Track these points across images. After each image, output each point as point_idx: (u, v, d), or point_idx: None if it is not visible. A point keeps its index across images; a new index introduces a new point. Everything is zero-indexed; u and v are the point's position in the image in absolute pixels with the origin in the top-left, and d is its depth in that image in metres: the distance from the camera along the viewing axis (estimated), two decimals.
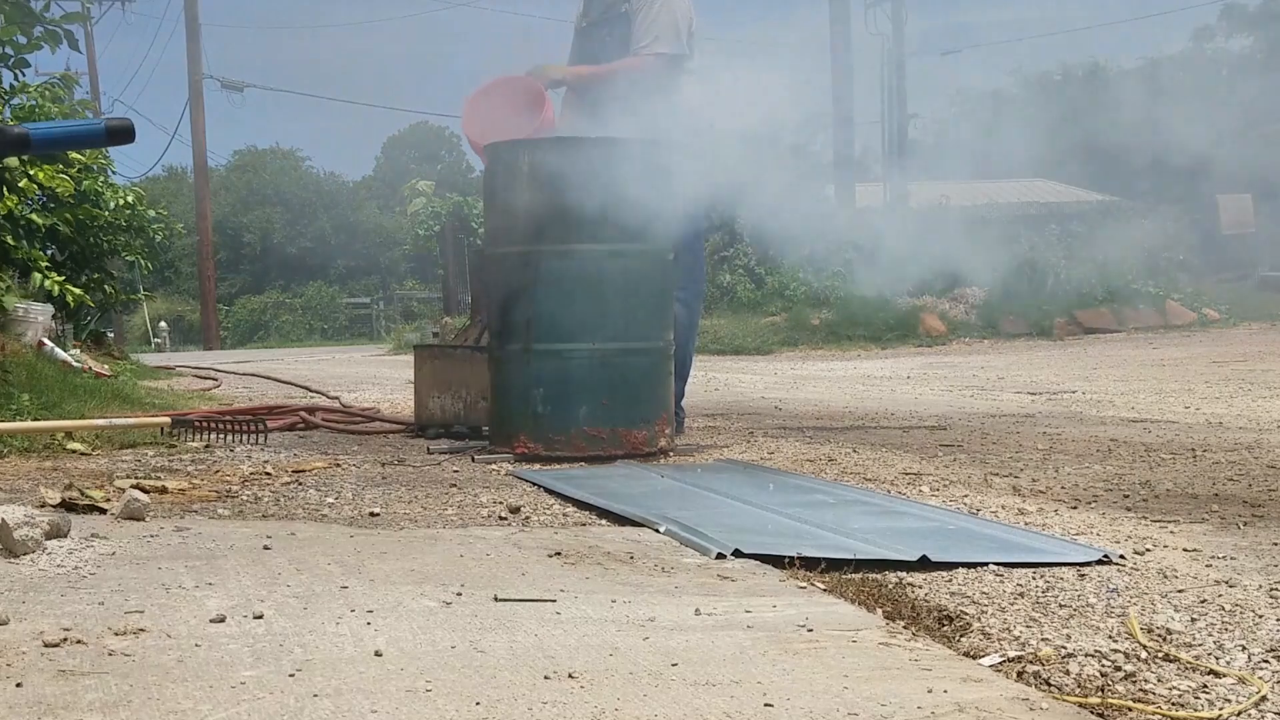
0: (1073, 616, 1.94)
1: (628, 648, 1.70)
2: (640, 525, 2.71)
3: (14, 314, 9.19)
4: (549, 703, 1.45)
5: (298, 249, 39.81)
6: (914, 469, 3.69)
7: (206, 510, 2.96)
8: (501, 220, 4.19)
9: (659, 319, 4.20)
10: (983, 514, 2.88)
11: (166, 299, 32.49)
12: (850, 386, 8.20)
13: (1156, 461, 3.77)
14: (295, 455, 4.22)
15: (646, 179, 4.09)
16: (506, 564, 2.27)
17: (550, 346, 4.03)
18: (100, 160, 12.46)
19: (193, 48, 28.17)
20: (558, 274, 4.04)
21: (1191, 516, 2.81)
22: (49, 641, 1.66)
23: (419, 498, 3.20)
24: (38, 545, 2.25)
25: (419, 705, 1.43)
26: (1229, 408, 5.58)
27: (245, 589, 2.02)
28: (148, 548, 2.39)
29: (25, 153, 3.26)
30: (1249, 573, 2.22)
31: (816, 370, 10.78)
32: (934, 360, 11.99)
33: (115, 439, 4.46)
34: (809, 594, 2.04)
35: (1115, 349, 12.63)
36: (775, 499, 3.07)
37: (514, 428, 4.08)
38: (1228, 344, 12.51)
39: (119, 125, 2.03)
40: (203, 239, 28.94)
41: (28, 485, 3.33)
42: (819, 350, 14.64)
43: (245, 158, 46.18)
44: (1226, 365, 9.00)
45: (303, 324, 34.54)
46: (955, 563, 2.28)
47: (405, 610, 1.89)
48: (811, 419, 5.68)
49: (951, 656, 1.69)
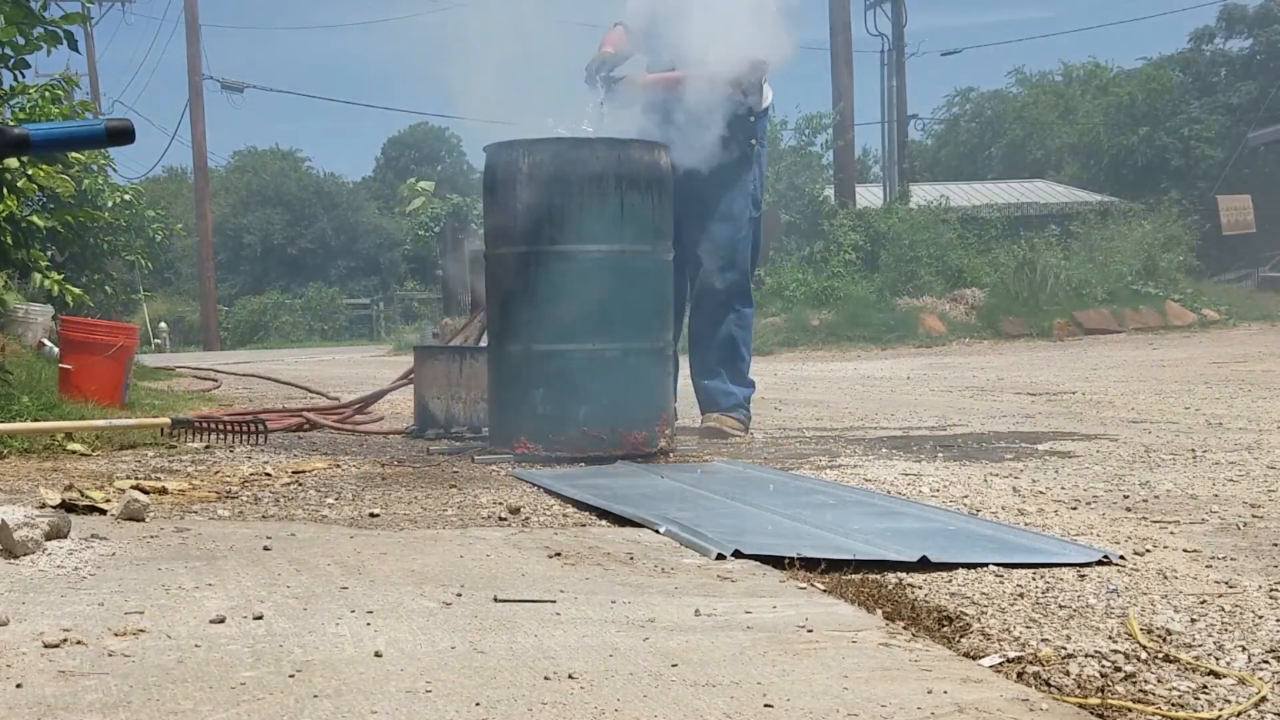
0: (1073, 617, 1.94)
1: (628, 648, 1.69)
2: (640, 526, 2.71)
3: (14, 314, 9.20)
4: (549, 703, 1.45)
5: (298, 250, 39.79)
6: (914, 469, 3.69)
7: (206, 511, 2.96)
8: (501, 220, 4.19)
9: (659, 319, 4.20)
10: (982, 514, 2.88)
11: (167, 299, 32.46)
12: (850, 387, 8.20)
13: (1156, 462, 3.77)
14: (295, 456, 4.22)
15: (646, 178, 4.09)
16: (506, 565, 2.27)
17: (550, 346, 4.03)
18: (100, 160, 12.46)
19: (193, 48, 28.15)
20: (558, 274, 4.04)
21: (1191, 517, 2.81)
22: (49, 642, 1.66)
23: (419, 498, 3.20)
24: (38, 546, 2.25)
25: (419, 706, 1.43)
26: (1229, 408, 5.58)
27: (245, 590, 2.02)
28: (148, 548, 2.39)
29: (25, 153, 3.27)
30: (1249, 573, 2.22)
31: (816, 371, 10.78)
32: (934, 361, 11.99)
33: (115, 440, 4.46)
34: (809, 595, 2.04)
35: (1115, 350, 12.63)
36: (775, 499, 3.07)
37: (514, 428, 4.08)
38: (1228, 344, 12.50)
39: (119, 126, 2.03)
40: (203, 240, 28.93)
41: (28, 486, 3.33)
42: (819, 351, 14.63)
43: (245, 158, 46.17)
44: (1226, 366, 9.00)
45: (303, 325, 34.52)
46: (955, 563, 2.29)
47: (405, 611, 1.89)
48: (811, 419, 5.68)
49: (951, 657, 1.69)
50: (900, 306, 15.90)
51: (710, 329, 4.86)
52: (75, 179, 9.69)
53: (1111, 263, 17.07)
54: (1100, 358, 11.10)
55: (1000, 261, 17.18)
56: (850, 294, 16.00)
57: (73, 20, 5.12)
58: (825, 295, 16.13)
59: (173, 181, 43.03)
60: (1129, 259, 17.14)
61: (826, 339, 15.15)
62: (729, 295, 4.81)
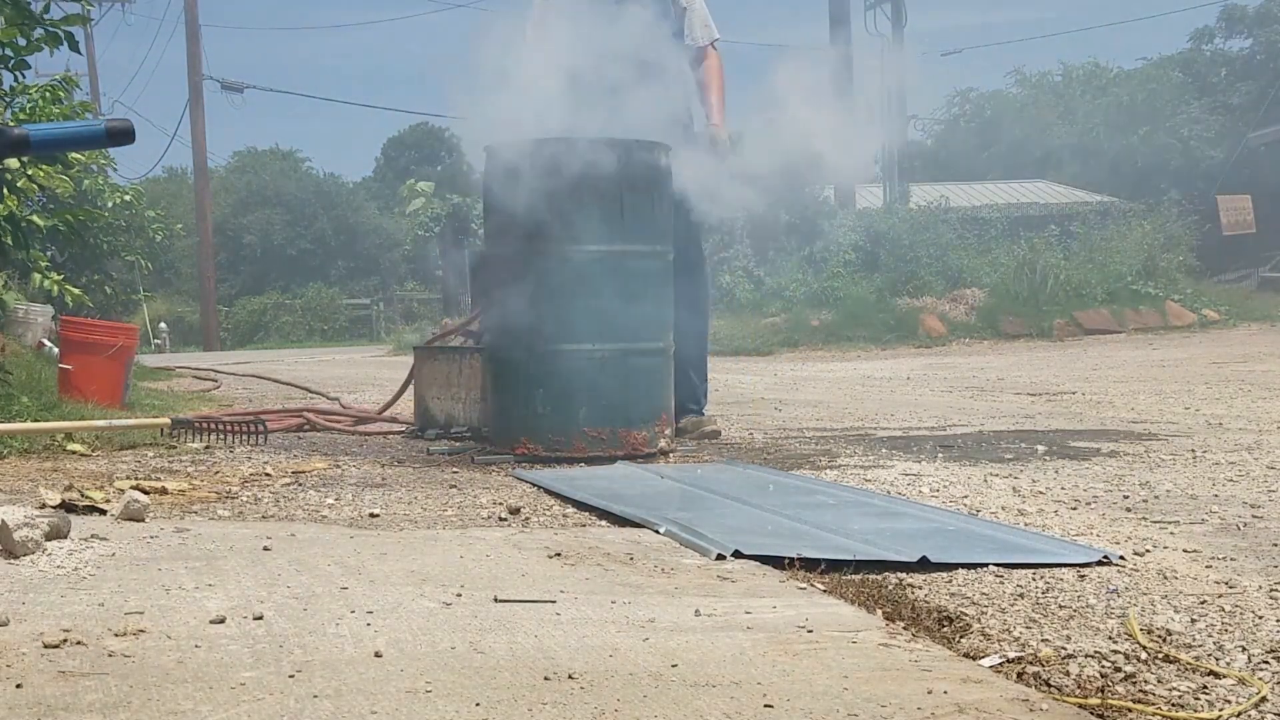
0: (1073, 617, 1.94)
1: (628, 648, 1.69)
2: (640, 526, 2.71)
3: (14, 314, 9.20)
4: (549, 703, 1.44)
5: (298, 250, 39.77)
6: (914, 469, 3.69)
7: (206, 511, 2.96)
8: (501, 220, 4.19)
9: (659, 319, 4.20)
10: (982, 515, 2.88)
11: (166, 300, 32.44)
12: (850, 388, 8.20)
13: (1156, 462, 3.77)
14: (295, 456, 4.22)
15: (646, 179, 4.09)
16: (506, 565, 2.27)
17: (550, 347, 4.03)
18: (100, 160, 12.46)
19: (193, 49, 28.14)
20: (558, 274, 4.04)
21: (1191, 517, 2.81)
22: (49, 642, 1.66)
23: (419, 499, 3.20)
24: (38, 546, 2.25)
25: (419, 706, 1.43)
26: (1229, 408, 5.58)
27: (245, 590, 2.02)
28: (148, 549, 2.38)
29: (25, 154, 3.27)
30: (1249, 573, 2.22)
31: (816, 371, 10.78)
32: (934, 361, 11.99)
33: (115, 440, 4.46)
34: (809, 595, 2.04)
35: (1115, 350, 12.62)
36: (775, 500, 3.07)
37: (514, 429, 4.08)
38: (1228, 345, 12.50)
39: (119, 126, 2.03)
40: (203, 240, 28.92)
41: (28, 486, 3.33)
42: (819, 351, 14.62)
43: (245, 159, 46.14)
44: (1226, 366, 9.00)
45: (303, 325, 34.48)
46: (955, 564, 2.29)
47: (405, 611, 1.89)
48: (811, 420, 5.68)
49: (951, 657, 1.69)
50: (900, 307, 15.89)
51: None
52: (75, 179, 9.69)
53: (1111, 263, 17.06)
54: (1100, 358, 11.10)
55: (1000, 261, 17.18)
56: (850, 294, 15.98)
57: (73, 21, 5.12)
58: (825, 295, 16.11)
59: (173, 181, 43.02)
60: (1129, 259, 17.13)
61: (826, 339, 15.14)
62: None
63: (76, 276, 11.54)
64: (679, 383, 4.47)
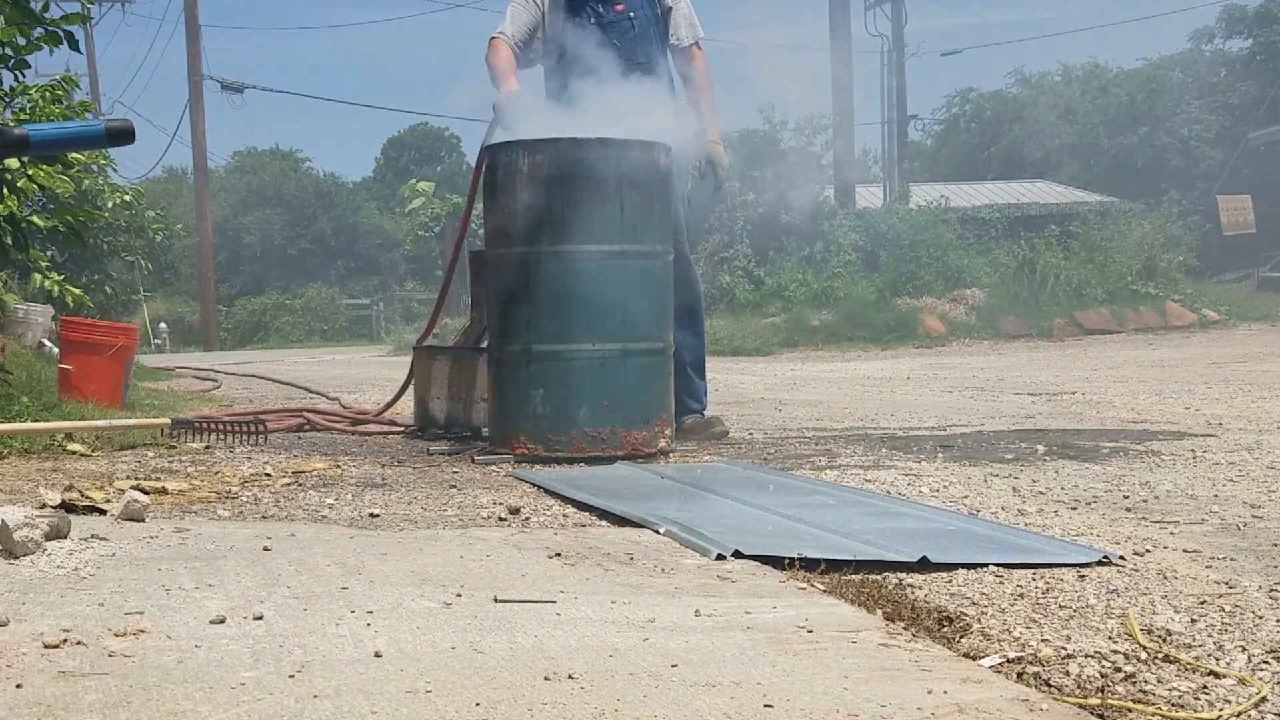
0: (1073, 617, 1.94)
1: (628, 649, 1.69)
2: (640, 526, 2.71)
3: (14, 315, 9.20)
4: (549, 704, 1.44)
5: (297, 250, 39.80)
6: (914, 469, 3.69)
7: (206, 511, 2.96)
8: (501, 220, 4.19)
9: (659, 319, 4.20)
10: (982, 515, 2.88)
11: (167, 300, 32.44)
12: (850, 387, 8.20)
13: (1156, 462, 3.77)
14: (295, 456, 4.22)
15: (645, 178, 4.09)
16: (506, 565, 2.27)
17: (550, 347, 4.03)
18: (100, 160, 12.47)
19: (193, 49, 28.14)
20: (558, 274, 4.04)
21: (1191, 517, 2.81)
22: (49, 643, 1.66)
23: (419, 499, 3.20)
24: (38, 546, 2.25)
25: (419, 706, 1.43)
26: (1229, 408, 5.58)
27: (245, 590, 2.02)
28: (148, 549, 2.39)
29: (25, 154, 3.27)
30: (1249, 573, 2.22)
31: (816, 371, 10.78)
32: (934, 361, 11.99)
33: (115, 440, 4.47)
34: (809, 595, 2.04)
35: (1115, 350, 12.63)
36: (775, 500, 3.07)
37: (514, 429, 4.08)
38: (1228, 345, 12.51)
39: (119, 126, 2.04)
40: (203, 240, 28.93)
41: (28, 486, 3.33)
42: (819, 351, 14.63)
43: (245, 159, 46.17)
44: (1226, 366, 9.00)
45: (303, 325, 34.50)
46: (955, 564, 2.29)
47: (405, 611, 1.89)
48: (811, 420, 5.68)
49: (951, 657, 1.69)
50: (900, 307, 15.90)
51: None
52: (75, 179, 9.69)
53: (1111, 263, 17.07)
54: (1100, 358, 11.10)
55: (1000, 261, 17.19)
56: (850, 294, 15.99)
57: (73, 21, 5.12)
58: (825, 295, 16.12)
59: (173, 182, 43.06)
60: (1129, 259, 17.14)
61: (826, 339, 15.14)
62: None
63: (76, 277, 11.54)
64: (679, 381, 4.47)
